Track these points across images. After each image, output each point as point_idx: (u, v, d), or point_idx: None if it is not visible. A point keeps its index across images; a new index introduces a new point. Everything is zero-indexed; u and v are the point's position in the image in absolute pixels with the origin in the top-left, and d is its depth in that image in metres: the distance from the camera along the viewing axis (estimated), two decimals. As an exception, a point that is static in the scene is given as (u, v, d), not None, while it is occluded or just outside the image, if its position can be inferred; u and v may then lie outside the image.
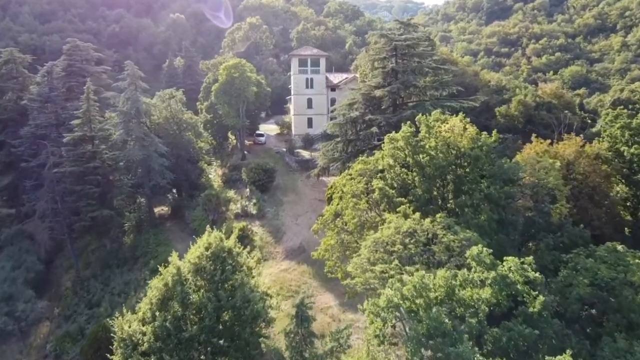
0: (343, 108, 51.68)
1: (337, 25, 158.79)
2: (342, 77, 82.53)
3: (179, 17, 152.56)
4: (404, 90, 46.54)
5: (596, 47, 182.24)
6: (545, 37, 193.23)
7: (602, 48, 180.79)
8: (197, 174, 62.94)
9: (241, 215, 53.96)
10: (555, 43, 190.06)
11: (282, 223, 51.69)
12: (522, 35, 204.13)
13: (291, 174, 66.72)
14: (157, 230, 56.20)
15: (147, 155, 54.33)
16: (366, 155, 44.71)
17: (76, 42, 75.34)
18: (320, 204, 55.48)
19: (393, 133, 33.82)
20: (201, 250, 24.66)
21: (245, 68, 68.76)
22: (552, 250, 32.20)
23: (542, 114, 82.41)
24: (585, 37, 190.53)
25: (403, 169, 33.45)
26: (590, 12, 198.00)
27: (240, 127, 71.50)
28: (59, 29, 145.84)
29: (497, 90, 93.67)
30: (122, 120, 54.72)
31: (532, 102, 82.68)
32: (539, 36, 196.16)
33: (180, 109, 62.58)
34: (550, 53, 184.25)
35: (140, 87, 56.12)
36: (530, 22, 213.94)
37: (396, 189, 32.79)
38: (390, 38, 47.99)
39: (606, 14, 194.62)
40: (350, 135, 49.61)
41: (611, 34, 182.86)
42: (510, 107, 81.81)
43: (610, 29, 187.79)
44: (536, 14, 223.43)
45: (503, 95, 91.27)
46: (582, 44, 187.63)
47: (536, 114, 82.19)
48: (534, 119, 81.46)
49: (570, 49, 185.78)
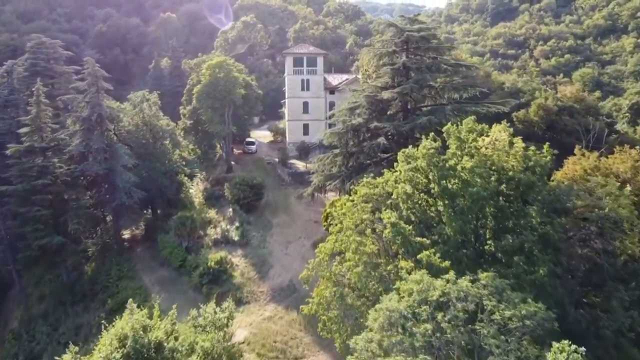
0: (343, 113, 42.97)
1: (337, 24, 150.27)
2: (342, 78, 74.01)
3: (169, 16, 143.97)
4: (418, 91, 37.83)
5: (607, 49, 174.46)
6: (554, 38, 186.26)
7: (614, 50, 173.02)
8: (175, 190, 54.09)
9: (221, 241, 45.22)
10: (564, 44, 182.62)
11: (269, 252, 42.94)
12: (529, 37, 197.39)
13: (283, 189, 58.00)
14: (122, 258, 47.34)
15: (109, 169, 45.59)
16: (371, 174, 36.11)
17: (41, 38, 66.71)
18: (316, 227, 46.87)
19: (409, 148, 25.07)
20: (112, 348, 15.58)
21: (231, 67, 60.18)
22: (629, 309, 23.55)
23: (565, 120, 73.85)
24: (595, 38, 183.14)
25: (423, 194, 24.75)
26: (600, 13, 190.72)
27: (226, 135, 62.82)
28: (43, 28, 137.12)
29: (512, 93, 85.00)
30: (81, 128, 46.01)
31: (554, 107, 74.16)
32: (546, 38, 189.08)
33: (154, 114, 53.78)
34: (560, 55, 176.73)
35: (103, 89, 47.40)
36: (537, 23, 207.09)
37: (415, 224, 24.12)
38: (401, 28, 39.37)
39: (617, 14, 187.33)
40: (351, 146, 40.92)
41: (622, 35, 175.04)
42: (529, 111, 73.47)
43: (622, 30, 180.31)
44: (543, 15, 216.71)
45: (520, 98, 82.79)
46: (593, 45, 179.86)
47: (558, 120, 73.77)
48: (556, 125, 73.03)
49: (580, 51, 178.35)
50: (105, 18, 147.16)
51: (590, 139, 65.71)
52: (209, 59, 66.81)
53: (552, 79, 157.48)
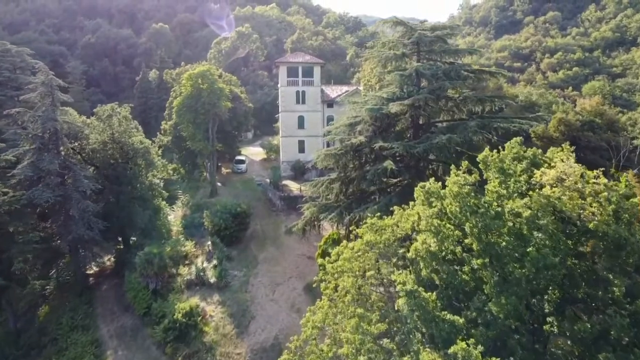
0: (341, 130, 35.72)
1: (337, 36, 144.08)
2: (341, 90, 67.02)
3: (162, 27, 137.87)
4: (434, 103, 30.58)
5: (617, 62, 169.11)
6: (561, 51, 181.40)
7: (624, 62, 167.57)
8: (148, 217, 46.65)
9: (195, 283, 37.65)
10: (572, 57, 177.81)
11: (251, 298, 35.31)
12: (535, 49, 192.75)
13: (274, 215, 50.61)
14: (81, 300, 39.70)
15: (63, 196, 38.29)
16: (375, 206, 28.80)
17: (6, 45, 59.93)
18: (310, 263, 39.44)
19: (431, 183, 17.74)
20: None
21: (214, 77, 53.19)
22: None
23: (588, 136, 66.84)
24: (603, 50, 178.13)
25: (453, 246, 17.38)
26: (608, 25, 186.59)
27: (210, 153, 55.61)
28: (29, 39, 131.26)
29: (527, 107, 78.07)
30: (31, 147, 38.85)
31: (576, 121, 67.24)
32: (553, 50, 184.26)
33: (125, 130, 46.53)
34: (567, 68, 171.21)
35: (59, 100, 40.29)
36: (542, 35, 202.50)
37: (440, 290, 16.83)
38: (411, 26, 32.34)
39: (625, 26, 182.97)
40: (351, 170, 33.66)
41: (632, 48, 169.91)
42: (549, 127, 66.54)
43: (631, 43, 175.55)
44: (548, 27, 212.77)
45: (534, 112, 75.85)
46: (602, 58, 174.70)
47: (580, 135, 66.73)
48: (579, 141, 65.92)
49: (588, 64, 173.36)
50: (94, 29, 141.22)
51: (620, 157, 58.60)
52: (192, 69, 59.86)
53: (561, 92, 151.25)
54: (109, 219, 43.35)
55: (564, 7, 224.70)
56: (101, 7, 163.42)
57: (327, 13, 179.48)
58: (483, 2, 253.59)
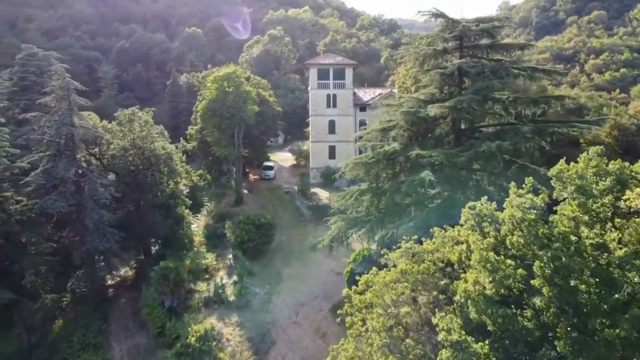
0: (372, 136, 32.23)
1: (371, 38, 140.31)
2: (374, 93, 63.54)
3: (195, 31, 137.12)
4: (480, 105, 26.75)
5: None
6: (607, 51, 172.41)
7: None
8: (170, 226, 44.28)
9: (214, 301, 34.80)
10: (619, 58, 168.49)
11: (273, 320, 32.17)
12: (578, 50, 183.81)
13: (301, 226, 47.51)
14: (95, 316, 37.37)
15: (77, 205, 36.19)
16: (411, 223, 25.28)
17: (33, 49, 59.07)
18: (338, 281, 36.01)
19: (482, 203, 14.13)
20: None
21: (240, 80, 50.56)
22: None
23: (645, 141, 61.14)
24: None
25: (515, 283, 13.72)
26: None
27: (236, 159, 52.98)
28: (66, 45, 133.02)
29: (574, 110, 72.26)
30: (46, 153, 37.00)
31: (631, 125, 61.59)
32: (598, 51, 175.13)
33: (146, 135, 44.37)
34: (614, 69, 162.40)
35: (77, 105, 38.36)
36: (587, 36, 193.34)
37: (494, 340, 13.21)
38: (453, 19, 28.68)
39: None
40: (383, 180, 30.14)
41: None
42: (601, 131, 61.16)
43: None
44: (593, 27, 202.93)
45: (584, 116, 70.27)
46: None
47: (637, 140, 61.13)
48: (636, 147, 60.39)
49: (637, 65, 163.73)
50: (129, 34, 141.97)
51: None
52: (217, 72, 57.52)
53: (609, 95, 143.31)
54: (128, 228, 41.16)
55: (609, 6, 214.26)
56: (136, 13, 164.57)
57: (361, 15, 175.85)
58: (523, 2, 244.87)
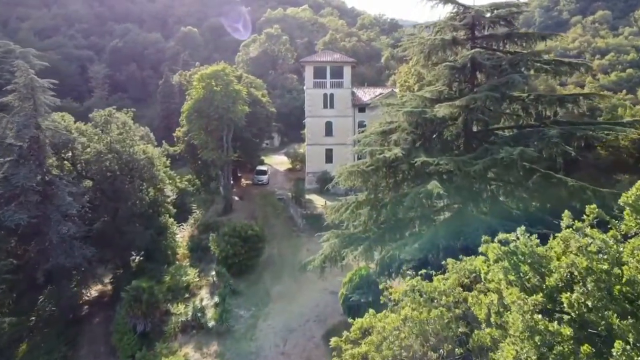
0: (372, 139, 28.24)
1: (372, 37, 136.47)
2: (374, 93, 59.63)
3: (190, 30, 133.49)
4: (497, 104, 22.85)
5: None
6: (612, 52, 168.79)
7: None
8: (150, 237, 40.38)
9: (192, 325, 30.87)
10: (625, 58, 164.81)
11: (257, 349, 28.22)
12: (583, 51, 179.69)
13: (294, 237, 43.59)
14: (59, 340, 33.44)
15: (43, 217, 32.36)
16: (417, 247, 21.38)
17: (9, 45, 55.31)
18: (332, 302, 32.12)
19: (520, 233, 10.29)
20: None
21: (229, 78, 46.73)
22: None
23: (663, 144, 57.20)
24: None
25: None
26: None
27: (224, 163, 49.11)
28: (58, 44, 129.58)
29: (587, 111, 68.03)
30: (7, 159, 33.17)
31: (651, 128, 57.54)
32: (604, 51, 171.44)
33: (124, 138, 40.57)
34: (620, 69, 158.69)
35: (43, 105, 34.58)
36: (592, 36, 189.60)
37: None
38: (465, 5, 24.82)
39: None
40: (383, 191, 26.19)
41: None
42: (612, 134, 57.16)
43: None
44: (598, 27, 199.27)
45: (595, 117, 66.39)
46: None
47: (656, 145, 57.22)
48: (653, 150, 56.47)
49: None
50: (123, 34, 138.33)
51: None
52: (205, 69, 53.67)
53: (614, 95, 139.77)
54: (104, 239, 37.46)
55: (614, 6, 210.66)
56: (133, 12, 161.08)
57: (361, 15, 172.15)
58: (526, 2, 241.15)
